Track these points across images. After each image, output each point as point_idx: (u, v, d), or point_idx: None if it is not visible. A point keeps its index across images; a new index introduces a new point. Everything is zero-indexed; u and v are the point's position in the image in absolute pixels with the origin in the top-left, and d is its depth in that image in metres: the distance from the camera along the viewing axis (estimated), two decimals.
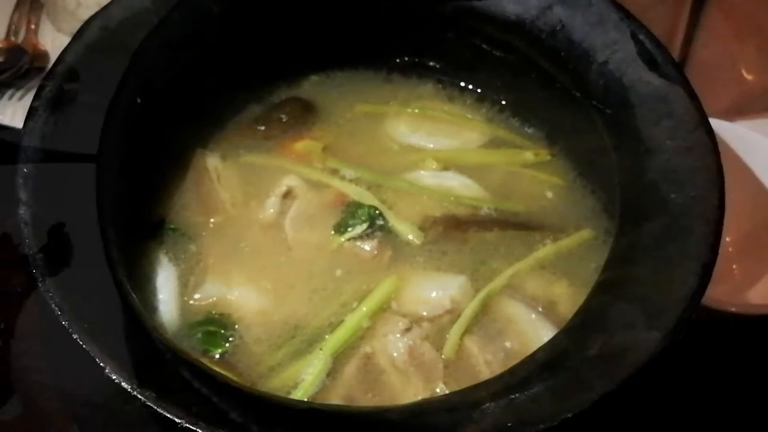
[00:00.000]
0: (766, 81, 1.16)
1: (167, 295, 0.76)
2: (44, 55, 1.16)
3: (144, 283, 0.76)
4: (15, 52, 1.15)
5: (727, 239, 0.99)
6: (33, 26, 1.20)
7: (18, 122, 1.04)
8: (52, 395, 0.82)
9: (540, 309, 0.76)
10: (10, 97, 1.10)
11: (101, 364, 0.53)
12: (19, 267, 0.96)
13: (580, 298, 0.66)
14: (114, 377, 0.53)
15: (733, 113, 1.06)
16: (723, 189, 0.65)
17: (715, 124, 0.97)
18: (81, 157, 0.62)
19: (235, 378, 0.70)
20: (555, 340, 0.61)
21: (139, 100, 0.70)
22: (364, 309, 0.76)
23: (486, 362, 0.73)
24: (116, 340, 0.55)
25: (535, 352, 0.61)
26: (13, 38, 1.18)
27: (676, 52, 1.13)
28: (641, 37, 0.73)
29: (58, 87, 0.66)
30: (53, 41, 1.18)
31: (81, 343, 0.55)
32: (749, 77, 1.18)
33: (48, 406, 0.83)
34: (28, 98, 1.09)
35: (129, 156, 0.69)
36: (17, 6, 1.22)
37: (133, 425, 0.76)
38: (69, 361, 0.67)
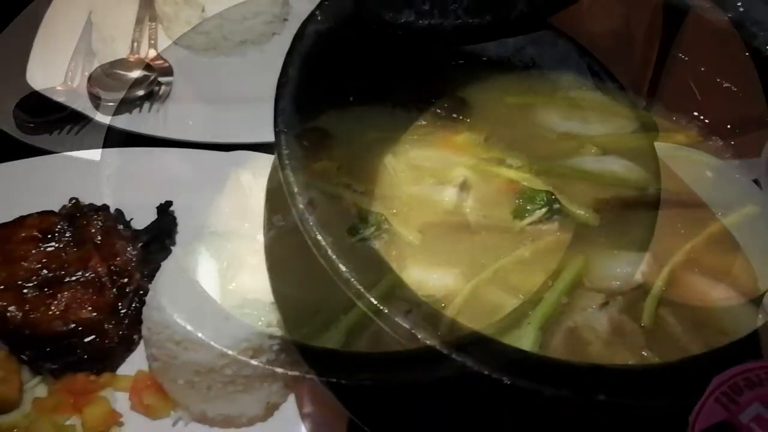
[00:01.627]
0: (726, 113, 1.31)
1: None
2: (96, 99, 1.35)
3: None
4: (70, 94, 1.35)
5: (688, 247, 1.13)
6: (152, 41, 1.41)
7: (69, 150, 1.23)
8: (189, 346, 0.90)
9: (721, 280, 0.82)
10: (68, 132, 1.29)
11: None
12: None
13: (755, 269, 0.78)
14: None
15: (698, 140, 1.20)
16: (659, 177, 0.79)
17: (680, 150, 1.13)
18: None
19: None
20: None
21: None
22: (561, 286, 0.80)
23: (683, 330, 0.78)
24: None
25: None
26: (136, 55, 1.38)
27: (644, 88, 1.29)
28: (596, 69, 0.90)
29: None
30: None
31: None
32: (712, 108, 1.32)
33: (182, 357, 0.91)
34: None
35: None
36: (137, 23, 1.42)
37: (255, 378, 0.90)
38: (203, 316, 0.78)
